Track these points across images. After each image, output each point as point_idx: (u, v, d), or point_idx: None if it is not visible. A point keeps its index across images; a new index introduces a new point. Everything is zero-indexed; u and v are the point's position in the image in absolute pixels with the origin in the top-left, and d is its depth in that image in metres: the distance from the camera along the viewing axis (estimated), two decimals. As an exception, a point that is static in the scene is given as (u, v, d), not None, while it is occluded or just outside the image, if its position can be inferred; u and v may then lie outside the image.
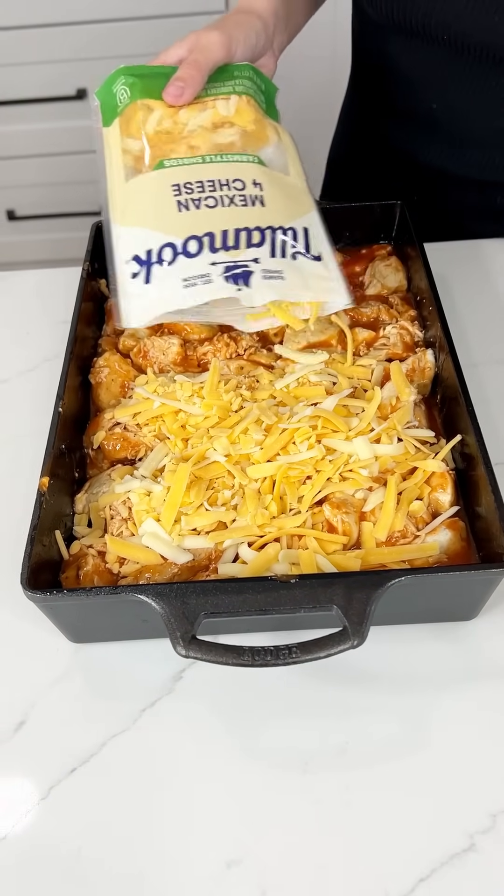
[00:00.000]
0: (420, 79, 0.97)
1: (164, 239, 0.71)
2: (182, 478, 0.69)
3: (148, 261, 0.70)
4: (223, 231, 0.71)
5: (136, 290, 0.70)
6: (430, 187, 1.06)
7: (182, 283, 0.69)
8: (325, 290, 0.73)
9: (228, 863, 0.57)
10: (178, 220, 0.71)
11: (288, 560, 0.66)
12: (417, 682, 0.66)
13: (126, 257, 0.71)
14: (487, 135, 0.98)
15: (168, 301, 0.70)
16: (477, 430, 0.69)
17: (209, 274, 0.70)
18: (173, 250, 0.70)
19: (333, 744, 0.62)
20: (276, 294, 0.71)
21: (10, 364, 0.96)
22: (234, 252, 0.70)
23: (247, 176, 0.74)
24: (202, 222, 0.71)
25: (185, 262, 0.70)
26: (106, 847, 0.58)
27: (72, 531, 0.73)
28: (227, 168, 0.74)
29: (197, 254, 0.70)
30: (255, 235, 0.71)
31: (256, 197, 0.73)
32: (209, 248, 0.70)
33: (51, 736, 0.64)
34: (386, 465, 0.71)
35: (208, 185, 0.73)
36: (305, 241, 0.73)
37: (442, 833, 0.58)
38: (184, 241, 0.70)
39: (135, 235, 0.72)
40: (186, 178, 0.73)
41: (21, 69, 1.93)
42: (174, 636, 0.58)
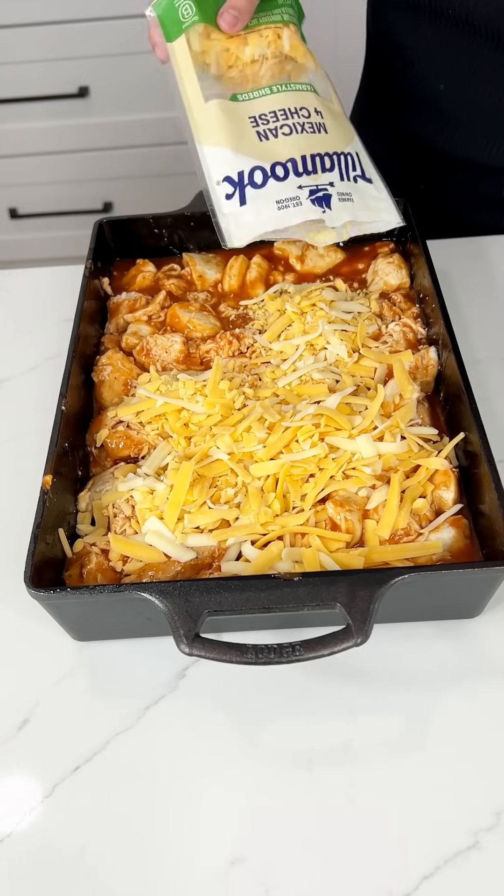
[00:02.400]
0: (428, 58, 0.97)
1: (252, 162, 0.77)
2: (185, 476, 0.69)
3: (240, 182, 0.77)
4: (302, 157, 0.77)
5: (233, 210, 0.77)
6: (440, 174, 1.06)
7: (276, 206, 0.77)
8: (381, 209, 0.82)
9: (232, 861, 0.57)
10: (261, 148, 0.77)
11: (291, 558, 0.66)
12: (421, 679, 0.66)
13: (218, 178, 0.77)
14: (496, 119, 0.98)
15: (266, 222, 0.77)
16: (480, 428, 0.69)
17: (298, 197, 0.77)
18: (263, 174, 0.77)
19: (337, 741, 0.62)
20: (349, 215, 0.79)
21: (13, 362, 0.96)
22: (314, 176, 0.78)
23: (309, 104, 0.80)
24: (283, 149, 0.78)
25: (275, 185, 0.77)
26: (110, 844, 0.58)
27: (75, 529, 0.73)
28: (292, 97, 0.79)
29: (285, 178, 0.77)
30: (326, 161, 0.78)
31: (320, 125, 0.79)
32: (293, 172, 0.77)
33: (55, 734, 0.64)
34: (389, 462, 0.71)
35: (281, 115, 0.78)
36: (360, 165, 0.81)
37: (446, 831, 0.58)
38: (271, 165, 0.77)
39: (222, 156, 0.77)
40: (260, 109, 0.78)
41: (23, 67, 1.93)
42: (178, 634, 0.58)
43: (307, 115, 0.79)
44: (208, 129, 0.77)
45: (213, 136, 0.77)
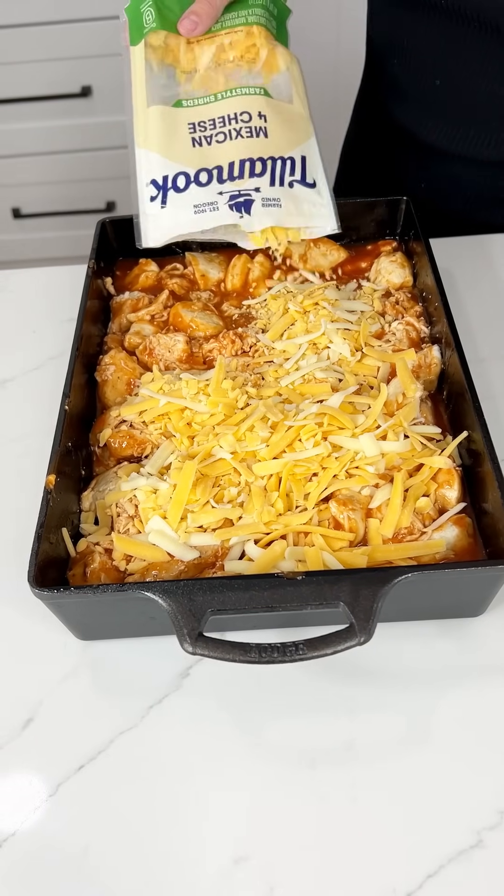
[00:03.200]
0: (422, 53, 0.97)
1: (179, 168, 0.79)
2: (188, 475, 0.69)
3: (164, 186, 0.79)
4: (230, 163, 0.79)
5: (154, 211, 0.80)
6: (439, 172, 1.06)
7: (193, 210, 0.79)
8: (315, 215, 0.83)
9: (236, 859, 0.57)
10: (192, 154, 0.80)
11: (294, 557, 0.66)
12: (424, 678, 0.66)
13: (146, 180, 0.80)
14: (490, 111, 0.97)
15: (181, 225, 0.80)
16: (483, 427, 0.69)
17: (216, 202, 0.79)
18: (186, 179, 0.80)
19: (340, 740, 0.62)
20: (272, 220, 0.80)
21: (16, 362, 0.96)
22: (239, 182, 0.80)
23: (253, 108, 0.81)
24: (212, 156, 0.80)
25: (196, 191, 0.79)
26: (114, 843, 0.59)
27: (78, 529, 0.73)
28: (236, 102, 0.81)
29: (207, 183, 0.80)
30: (257, 165, 0.80)
31: (261, 128, 0.80)
32: (217, 179, 0.79)
33: (59, 733, 0.64)
34: (392, 461, 0.71)
35: (219, 122, 0.81)
36: (302, 170, 0.82)
37: (449, 829, 0.58)
38: (196, 171, 0.79)
39: (153, 161, 0.80)
40: (200, 116, 0.81)
41: (26, 67, 1.93)
42: (181, 633, 0.58)
43: (247, 120, 0.80)
44: (145, 133, 0.80)
45: (148, 140, 0.80)
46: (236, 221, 0.79)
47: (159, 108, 0.80)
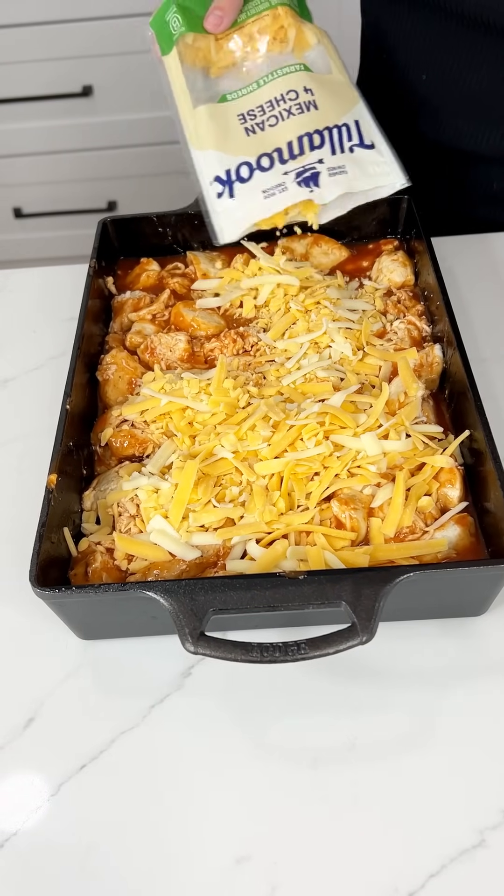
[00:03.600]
0: (409, 48, 0.98)
1: (239, 159, 0.80)
2: (190, 475, 0.69)
3: (228, 179, 0.79)
4: (288, 143, 0.79)
5: (223, 207, 0.80)
6: (432, 168, 1.06)
7: (262, 195, 0.79)
8: (381, 174, 0.82)
9: (238, 859, 0.57)
10: (248, 143, 0.80)
11: (296, 556, 0.66)
12: (426, 677, 0.65)
13: (209, 179, 0.80)
14: (478, 106, 0.97)
15: (253, 212, 0.80)
16: (485, 426, 0.69)
17: (283, 183, 0.79)
18: (249, 167, 0.79)
19: (342, 740, 0.62)
20: (342, 188, 0.80)
21: (18, 362, 0.96)
22: (301, 158, 0.79)
23: (297, 85, 0.81)
24: (269, 140, 0.80)
25: (261, 176, 0.79)
26: (115, 843, 0.59)
27: (80, 528, 0.73)
28: (279, 84, 0.81)
29: (270, 167, 0.79)
30: (315, 138, 0.80)
31: (310, 102, 0.81)
32: (279, 160, 0.79)
33: (60, 733, 0.64)
34: (394, 461, 0.71)
35: (267, 107, 0.81)
36: (359, 133, 0.82)
37: (451, 829, 0.58)
38: (257, 158, 0.79)
39: (211, 158, 0.80)
40: (248, 106, 0.81)
41: (27, 66, 1.93)
42: (183, 633, 0.58)
43: (295, 98, 0.80)
44: (198, 134, 0.80)
45: (203, 140, 0.80)
46: (307, 196, 0.79)
47: (206, 108, 0.81)
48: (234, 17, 0.80)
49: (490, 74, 0.94)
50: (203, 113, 0.80)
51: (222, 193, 0.80)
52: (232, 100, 0.82)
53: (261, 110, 0.81)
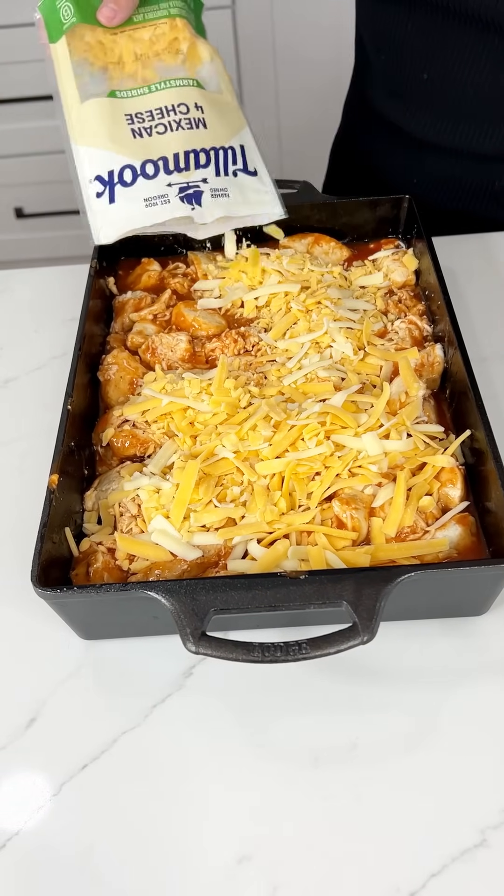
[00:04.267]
0: (409, 48, 0.97)
1: (123, 161, 0.77)
2: (191, 475, 0.69)
3: (110, 181, 0.77)
4: (174, 154, 0.78)
5: (102, 208, 0.78)
6: (430, 167, 1.06)
7: (144, 203, 0.78)
8: (261, 202, 0.83)
9: (239, 858, 0.57)
10: (134, 145, 0.78)
11: (297, 556, 0.66)
12: (427, 677, 0.66)
13: (89, 176, 0.78)
14: (478, 105, 0.97)
15: (133, 219, 0.78)
16: (486, 425, 0.69)
17: (166, 194, 0.78)
18: (133, 172, 0.78)
19: (343, 739, 0.62)
20: (222, 210, 0.80)
21: (19, 362, 0.96)
22: (186, 173, 0.79)
23: (189, 100, 0.80)
24: (155, 147, 0.78)
25: (144, 184, 0.78)
26: (117, 842, 0.59)
27: (81, 528, 0.73)
28: (171, 94, 0.80)
29: (154, 175, 0.78)
30: (201, 157, 0.80)
31: (199, 120, 0.80)
32: (164, 170, 0.78)
33: (62, 732, 0.64)
34: (395, 460, 0.71)
35: (157, 114, 0.79)
36: (243, 158, 0.82)
37: (453, 829, 0.58)
38: (141, 163, 0.78)
39: (95, 155, 0.78)
40: (137, 108, 0.79)
41: (28, 67, 1.93)
42: (184, 633, 0.58)
43: (185, 112, 0.79)
44: (83, 128, 0.78)
45: (88, 135, 0.78)
46: (188, 213, 0.78)
47: (95, 101, 0.78)
48: (129, 13, 0.78)
49: (492, 73, 0.94)
50: (91, 106, 0.78)
51: (102, 194, 0.78)
52: (122, 98, 0.79)
53: (150, 115, 0.79)
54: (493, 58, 0.92)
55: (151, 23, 0.80)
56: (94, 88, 0.79)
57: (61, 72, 0.78)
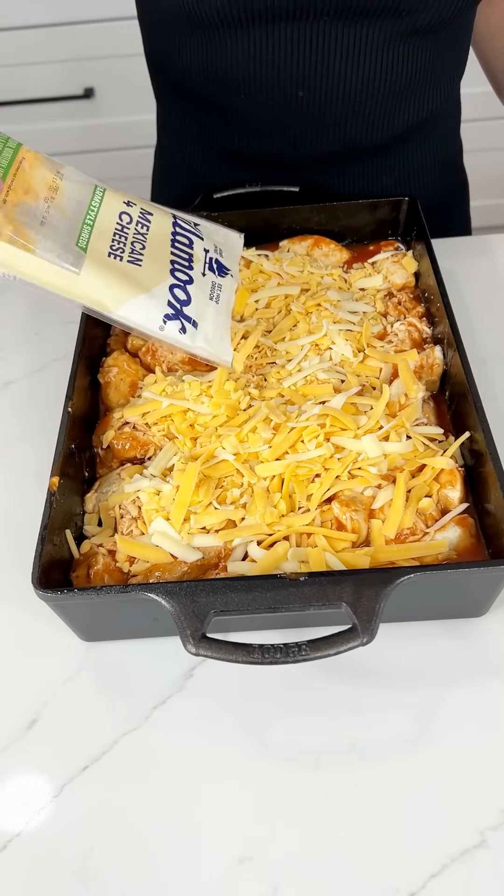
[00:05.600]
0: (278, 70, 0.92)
1: (163, 286, 0.75)
2: (191, 477, 0.69)
3: (176, 310, 0.75)
4: (172, 253, 0.78)
5: (199, 337, 0.77)
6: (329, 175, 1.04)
7: (213, 302, 0.78)
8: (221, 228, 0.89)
9: (240, 859, 0.57)
10: (148, 272, 0.75)
11: (297, 558, 0.66)
12: (427, 678, 0.66)
13: (159, 323, 0.75)
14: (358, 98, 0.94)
15: (220, 321, 0.79)
16: (486, 427, 0.69)
17: (212, 280, 0.80)
18: (178, 287, 0.76)
19: (343, 740, 0.63)
20: (234, 251, 0.87)
21: (20, 364, 0.96)
22: (195, 257, 0.80)
23: (118, 204, 0.80)
24: (157, 260, 0.77)
25: (193, 289, 0.77)
26: (118, 844, 0.59)
27: (82, 530, 0.73)
28: (106, 211, 0.78)
29: (190, 278, 0.78)
30: (181, 238, 0.81)
31: (144, 213, 0.81)
32: (187, 268, 0.78)
33: (63, 734, 0.65)
34: (395, 462, 0.71)
35: (119, 238, 0.76)
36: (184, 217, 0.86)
37: (452, 829, 0.58)
38: (172, 276, 0.76)
39: (141, 304, 0.74)
40: (105, 243, 0.75)
41: (29, 69, 1.93)
42: (184, 634, 0.58)
43: (129, 219, 0.78)
44: (104, 296, 0.73)
45: (115, 296, 0.73)
46: (231, 278, 0.82)
47: (87, 265, 0.72)
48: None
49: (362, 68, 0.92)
50: (89, 272, 0.72)
51: (184, 328, 0.75)
52: (88, 246, 0.73)
53: (118, 242, 0.75)
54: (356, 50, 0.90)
55: (13, 166, 0.73)
56: (65, 258, 0.71)
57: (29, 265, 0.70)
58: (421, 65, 0.94)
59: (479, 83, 1.14)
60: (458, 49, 0.98)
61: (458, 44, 0.97)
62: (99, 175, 0.84)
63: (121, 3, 1.82)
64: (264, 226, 0.98)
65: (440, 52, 0.95)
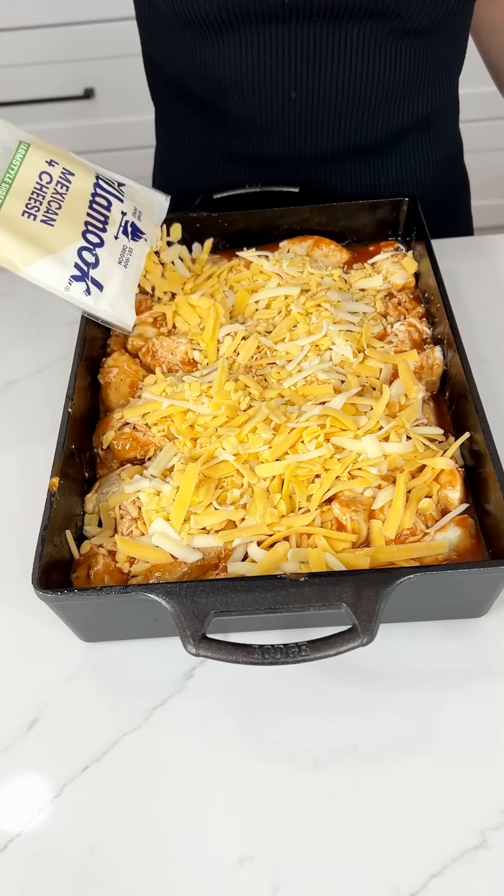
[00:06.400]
0: (274, 72, 0.92)
1: (72, 248, 0.77)
2: (191, 477, 0.69)
3: (83, 272, 0.77)
4: (87, 213, 0.79)
5: (103, 299, 0.78)
6: (323, 174, 1.04)
7: (121, 266, 0.79)
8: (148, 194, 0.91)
9: (240, 859, 0.57)
10: (59, 231, 0.77)
11: (297, 558, 0.66)
12: (427, 679, 0.66)
13: (62, 286, 0.77)
14: (351, 97, 0.94)
15: (127, 285, 0.80)
16: (485, 427, 0.69)
17: (125, 245, 0.80)
18: (87, 249, 0.78)
19: (343, 741, 0.63)
20: (152, 220, 0.88)
21: (20, 365, 0.96)
22: (110, 220, 0.80)
23: (40, 163, 0.81)
24: (72, 220, 0.78)
25: (104, 252, 0.78)
26: (118, 844, 0.59)
27: (82, 531, 0.73)
28: (26, 170, 0.80)
29: (101, 241, 0.78)
30: (99, 200, 0.81)
31: (65, 172, 0.83)
32: (101, 230, 0.79)
33: (63, 734, 0.65)
34: (395, 462, 0.71)
35: (37, 196, 0.78)
36: (107, 178, 0.87)
37: (453, 830, 0.58)
38: (83, 238, 0.78)
39: (48, 265, 0.77)
40: (21, 202, 0.77)
41: (29, 69, 1.93)
42: (184, 635, 0.58)
43: (49, 179, 0.79)
44: (11, 254, 0.77)
45: (22, 255, 0.77)
46: (147, 245, 0.83)
47: (0, 217, 0.76)
48: None
49: (353, 68, 0.92)
50: (0, 230, 0.76)
51: (89, 290, 0.77)
52: (2, 205, 0.77)
53: (35, 201, 0.78)
54: (350, 50, 0.90)
55: None
56: None
57: None
58: (415, 65, 0.94)
59: (480, 83, 1.14)
60: (454, 48, 0.98)
61: (455, 42, 0.97)
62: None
63: (120, 4, 1.81)
64: (264, 226, 0.98)
65: (435, 51, 0.94)
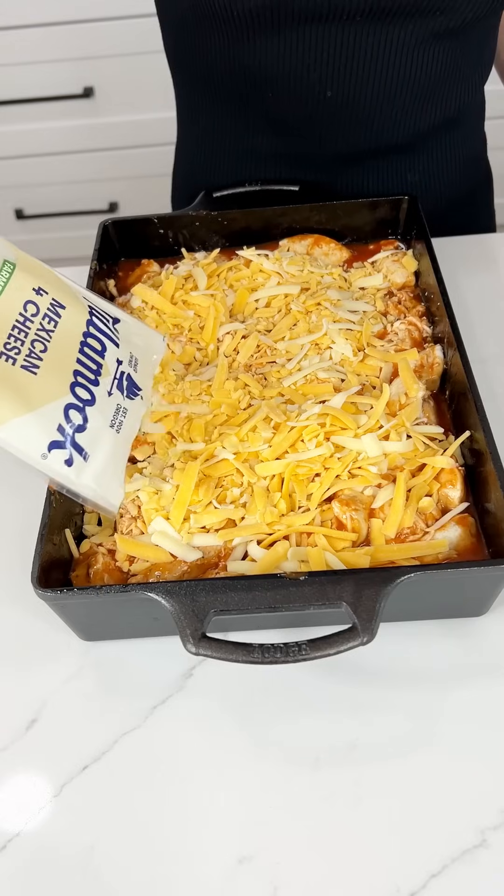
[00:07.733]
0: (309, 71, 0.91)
1: (57, 404, 0.63)
2: (191, 476, 0.69)
3: (66, 437, 0.64)
4: (77, 360, 0.67)
5: (86, 474, 0.65)
6: (347, 174, 1.05)
7: (113, 432, 0.68)
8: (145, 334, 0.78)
9: (240, 859, 0.57)
10: (44, 382, 0.63)
11: (297, 557, 0.66)
12: (427, 678, 0.66)
13: (41, 451, 0.62)
14: (382, 98, 0.94)
15: (118, 457, 0.69)
16: (486, 426, 0.69)
17: (118, 404, 0.69)
18: (74, 407, 0.64)
19: (343, 740, 0.62)
20: (149, 369, 0.77)
21: (20, 363, 0.96)
22: (103, 369, 0.68)
23: (26, 291, 0.66)
24: (59, 367, 0.65)
25: (94, 412, 0.66)
26: (118, 843, 0.59)
27: (82, 530, 0.73)
28: (8, 299, 0.64)
29: (92, 397, 0.65)
30: (93, 343, 0.69)
31: (54, 304, 0.67)
32: (92, 383, 0.67)
33: (63, 734, 0.65)
34: (395, 461, 0.71)
35: (19, 333, 0.63)
36: (104, 312, 0.73)
37: (453, 829, 0.58)
38: (71, 392, 0.64)
39: (25, 426, 0.61)
40: None
41: (28, 68, 1.93)
42: (184, 634, 0.58)
43: (36, 311, 0.65)
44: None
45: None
46: (144, 405, 0.73)
47: None
48: None
49: (391, 68, 0.92)
50: None
51: (71, 459, 0.63)
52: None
53: (16, 339, 0.63)
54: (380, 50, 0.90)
55: None
56: None
57: None
58: (449, 64, 0.94)
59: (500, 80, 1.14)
60: (485, 47, 0.98)
61: (486, 42, 0.98)
62: (98, 175, 0.83)
63: (121, 3, 1.82)
64: (264, 225, 0.98)
65: (469, 51, 0.95)
